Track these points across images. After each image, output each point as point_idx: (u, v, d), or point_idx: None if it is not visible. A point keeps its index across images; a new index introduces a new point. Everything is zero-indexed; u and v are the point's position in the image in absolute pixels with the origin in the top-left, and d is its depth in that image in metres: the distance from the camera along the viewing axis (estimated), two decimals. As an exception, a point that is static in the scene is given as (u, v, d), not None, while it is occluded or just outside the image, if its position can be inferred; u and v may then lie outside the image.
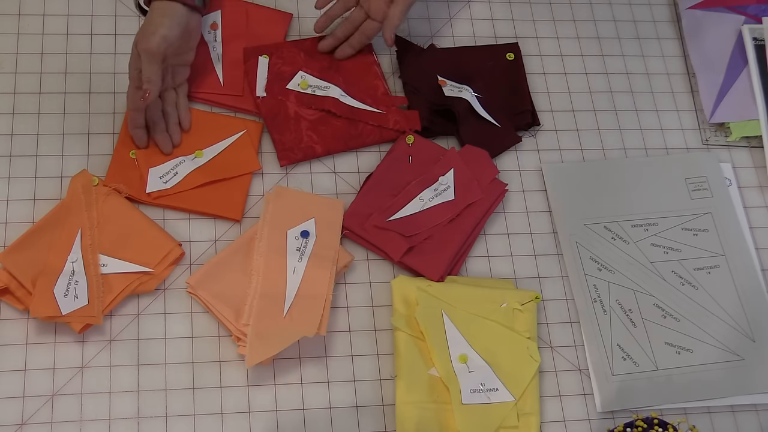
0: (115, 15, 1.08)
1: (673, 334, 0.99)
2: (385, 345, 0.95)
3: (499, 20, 1.17)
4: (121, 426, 0.87)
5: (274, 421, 0.90)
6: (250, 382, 0.91)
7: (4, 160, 0.98)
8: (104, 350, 0.90)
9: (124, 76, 1.04)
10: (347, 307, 0.97)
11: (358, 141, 1.05)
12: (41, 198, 0.96)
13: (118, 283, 0.92)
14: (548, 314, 1.00)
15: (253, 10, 1.11)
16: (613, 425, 0.94)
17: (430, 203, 1.00)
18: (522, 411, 0.92)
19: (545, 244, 1.04)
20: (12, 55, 1.04)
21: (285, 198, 0.98)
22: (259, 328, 0.90)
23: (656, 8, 1.23)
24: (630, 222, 1.05)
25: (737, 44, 1.18)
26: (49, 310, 0.88)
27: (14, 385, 0.88)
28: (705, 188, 1.09)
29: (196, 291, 0.92)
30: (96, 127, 1.01)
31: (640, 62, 1.18)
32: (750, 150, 1.13)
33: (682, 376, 0.97)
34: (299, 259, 0.94)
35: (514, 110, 1.09)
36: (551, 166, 1.08)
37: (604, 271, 1.02)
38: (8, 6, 1.06)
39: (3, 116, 1.00)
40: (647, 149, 1.12)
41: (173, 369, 0.90)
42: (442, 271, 0.97)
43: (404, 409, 0.90)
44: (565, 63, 1.16)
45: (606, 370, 0.97)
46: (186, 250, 0.96)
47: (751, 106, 1.14)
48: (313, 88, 1.06)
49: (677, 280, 1.02)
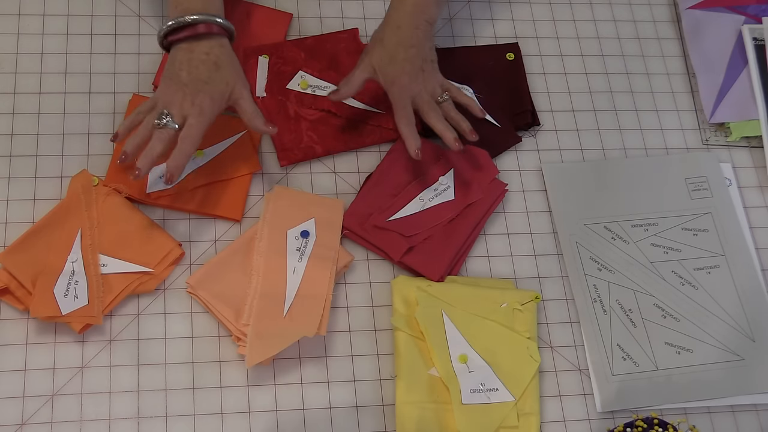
0: (115, 15, 1.08)
1: (673, 334, 0.99)
2: (385, 345, 0.95)
3: (499, 20, 1.17)
4: (121, 426, 0.87)
5: (274, 421, 0.90)
6: (250, 382, 0.91)
7: (4, 160, 0.98)
8: (104, 350, 0.90)
9: (124, 76, 1.04)
10: (347, 307, 0.97)
11: (358, 141, 1.05)
12: (41, 198, 0.96)
13: (118, 283, 0.92)
14: (548, 314, 1.00)
15: (253, 10, 1.11)
16: (613, 425, 0.94)
17: (430, 203, 1.00)
18: (522, 411, 0.92)
19: (545, 244, 1.04)
20: (12, 55, 1.04)
21: (285, 198, 0.98)
22: (259, 328, 0.90)
23: (656, 8, 1.23)
24: (630, 222, 1.05)
25: (737, 44, 1.18)
26: (49, 310, 0.88)
27: (14, 385, 0.88)
28: (705, 188, 1.09)
29: (196, 291, 0.92)
30: (96, 127, 1.01)
31: (640, 62, 1.18)
32: (750, 150, 1.13)
33: (682, 376, 0.97)
34: (299, 259, 0.94)
35: (514, 110, 1.09)
36: (551, 166, 1.08)
37: (604, 271, 1.02)
38: (8, 6, 1.06)
39: (3, 116, 1.00)
40: (647, 149, 1.12)
41: (173, 369, 0.90)
42: (442, 271, 0.97)
43: (404, 409, 0.90)
44: (565, 63, 1.16)
45: (606, 370, 0.97)
46: (186, 250, 0.96)
47: (751, 106, 1.14)
48: (313, 88, 1.06)
49: (677, 280, 1.02)
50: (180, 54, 0.92)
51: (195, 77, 0.91)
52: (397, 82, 0.98)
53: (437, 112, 0.99)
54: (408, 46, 0.98)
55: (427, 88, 0.99)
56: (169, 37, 0.93)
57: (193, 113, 0.90)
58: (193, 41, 0.92)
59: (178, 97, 0.90)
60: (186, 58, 0.91)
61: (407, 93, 0.98)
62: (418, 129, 1.05)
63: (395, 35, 0.99)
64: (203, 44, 0.92)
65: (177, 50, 0.93)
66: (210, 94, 0.91)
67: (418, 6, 0.99)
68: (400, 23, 0.99)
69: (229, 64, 0.93)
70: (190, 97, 0.90)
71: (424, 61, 0.99)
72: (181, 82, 0.91)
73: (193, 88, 0.90)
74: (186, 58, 0.91)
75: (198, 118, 0.90)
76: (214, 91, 0.91)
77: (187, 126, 0.90)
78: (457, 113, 1.00)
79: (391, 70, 0.98)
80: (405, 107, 0.98)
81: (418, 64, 0.98)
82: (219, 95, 0.92)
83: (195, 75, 0.91)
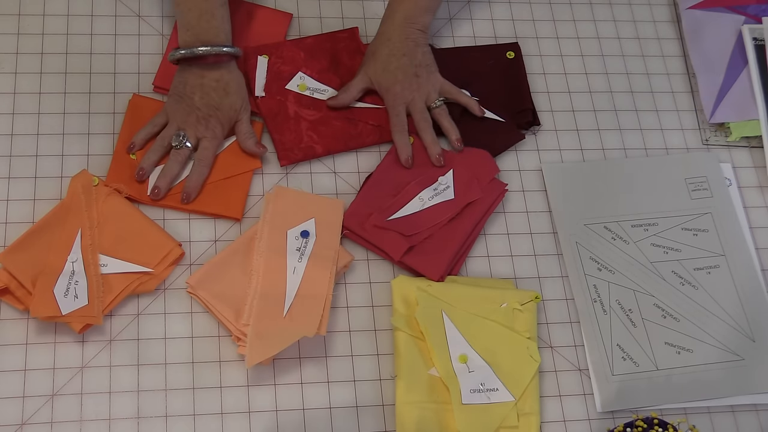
0: (115, 15, 1.08)
1: (673, 334, 0.99)
2: (385, 345, 0.95)
3: (499, 20, 1.17)
4: (121, 426, 0.87)
5: (274, 421, 0.90)
6: (250, 382, 0.91)
7: (4, 160, 0.98)
8: (104, 350, 0.90)
9: (124, 76, 1.05)
10: (347, 307, 0.97)
11: (358, 141, 1.05)
12: (41, 198, 0.96)
13: (118, 283, 0.92)
14: (548, 314, 1.00)
15: (254, 10, 1.11)
16: (613, 425, 0.94)
17: (430, 203, 1.00)
18: (522, 411, 0.92)
19: (545, 244, 1.04)
20: (12, 55, 1.04)
21: (285, 198, 0.98)
22: (259, 328, 0.89)
23: (656, 8, 1.23)
24: (630, 222, 1.05)
25: (737, 44, 1.18)
26: (49, 310, 0.88)
27: (14, 385, 0.88)
28: (705, 188, 1.09)
29: (196, 291, 0.92)
30: (96, 127, 1.01)
31: (640, 62, 1.18)
32: (750, 150, 1.13)
33: (682, 376, 0.97)
34: (299, 259, 0.94)
35: (514, 109, 1.09)
36: (551, 166, 1.08)
37: (604, 271, 1.02)
38: (8, 6, 1.06)
39: (3, 116, 1.00)
40: (647, 149, 1.12)
41: (173, 369, 0.90)
42: (442, 271, 0.97)
43: (404, 409, 0.90)
44: (565, 63, 1.16)
45: (606, 370, 0.97)
46: (186, 250, 0.96)
47: (751, 106, 1.14)
48: (311, 90, 1.06)
49: (677, 280, 1.02)
50: (191, 78, 0.98)
51: (207, 102, 0.98)
52: (390, 90, 1.03)
53: (427, 123, 1.03)
54: (399, 55, 1.03)
55: (421, 94, 1.04)
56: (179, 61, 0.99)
57: (208, 136, 0.98)
58: (204, 68, 0.98)
59: (191, 119, 0.98)
60: (198, 83, 0.98)
61: (401, 100, 1.03)
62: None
63: (386, 47, 1.04)
64: (214, 72, 0.98)
65: (189, 73, 0.99)
66: (220, 120, 0.99)
67: (408, 18, 1.04)
68: (391, 35, 1.04)
69: (236, 90, 1.00)
70: (204, 121, 0.98)
71: (418, 67, 1.04)
72: (194, 105, 0.98)
73: (205, 112, 0.98)
74: (198, 83, 0.98)
75: (212, 142, 0.98)
76: (224, 117, 0.99)
77: (202, 149, 0.98)
78: (449, 122, 1.04)
79: (384, 80, 1.04)
80: (398, 115, 1.03)
81: (411, 71, 1.03)
82: (227, 121, 1.00)
83: (207, 101, 0.98)
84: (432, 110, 1.04)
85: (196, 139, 0.98)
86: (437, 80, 1.05)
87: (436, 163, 1.02)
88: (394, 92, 1.03)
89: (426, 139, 1.03)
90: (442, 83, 1.05)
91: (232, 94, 0.99)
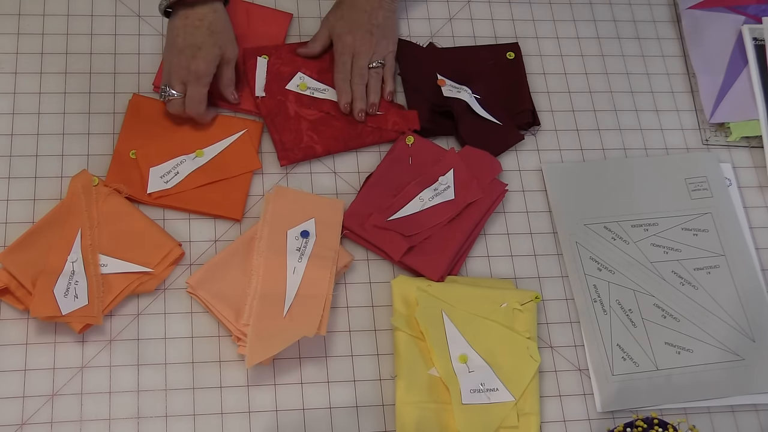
0: (115, 15, 1.08)
1: (673, 334, 0.99)
2: (385, 345, 0.95)
3: (499, 20, 1.17)
4: (121, 426, 0.87)
5: (274, 421, 0.90)
6: (250, 382, 0.91)
7: (4, 160, 0.98)
8: (104, 350, 0.90)
9: (124, 76, 1.05)
10: (347, 307, 0.97)
11: (357, 141, 1.05)
12: (41, 198, 0.96)
13: (118, 283, 0.92)
14: (548, 314, 1.00)
15: (253, 10, 1.11)
16: (613, 425, 0.94)
17: (430, 203, 1.00)
18: (522, 411, 0.92)
19: (545, 244, 1.04)
20: (12, 55, 1.04)
21: (285, 198, 0.98)
22: (259, 328, 0.90)
23: (656, 8, 1.23)
24: (630, 222, 1.05)
25: (737, 44, 1.18)
26: (49, 310, 0.88)
27: (14, 385, 0.88)
28: (705, 188, 1.09)
29: (196, 291, 0.92)
30: (96, 127, 1.01)
31: (640, 62, 1.18)
32: (750, 150, 1.13)
33: (682, 376, 0.97)
34: (299, 259, 0.94)
35: (514, 109, 1.09)
36: (551, 166, 1.08)
37: (604, 271, 1.02)
38: (8, 6, 1.06)
39: (3, 116, 1.00)
40: (647, 149, 1.12)
41: (173, 369, 0.90)
42: (442, 271, 0.97)
43: (404, 409, 0.90)
44: (565, 63, 1.16)
45: (606, 370, 0.97)
46: (186, 250, 0.96)
47: (751, 106, 1.14)
48: (312, 90, 1.06)
49: (677, 280, 1.02)
50: (177, 21, 0.98)
51: (190, 43, 0.96)
52: (342, 38, 1.06)
53: (362, 79, 1.05)
54: (361, 11, 1.07)
55: (368, 51, 1.06)
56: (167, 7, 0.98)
57: (191, 80, 0.97)
58: (188, 8, 0.97)
59: (174, 63, 0.97)
60: (182, 24, 0.97)
61: (348, 50, 1.06)
62: (427, 127, 1.06)
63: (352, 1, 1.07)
64: (198, 11, 0.97)
65: (174, 17, 0.99)
66: (204, 58, 0.97)
67: None
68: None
69: (222, 29, 0.98)
70: (186, 63, 0.96)
71: (374, 27, 1.06)
72: (177, 48, 0.97)
73: (188, 53, 0.96)
74: (182, 25, 0.97)
75: (196, 85, 0.97)
76: (208, 54, 0.97)
77: (189, 95, 0.98)
78: (376, 85, 1.07)
79: (339, 27, 1.07)
80: (344, 63, 1.06)
81: (366, 27, 1.06)
82: (213, 58, 0.98)
83: (190, 41, 0.96)
84: (369, 69, 1.06)
85: (182, 84, 0.97)
86: (386, 48, 1.08)
87: (357, 118, 1.04)
88: (344, 41, 1.05)
89: (355, 92, 1.05)
90: (390, 53, 1.08)
91: (217, 33, 0.97)
